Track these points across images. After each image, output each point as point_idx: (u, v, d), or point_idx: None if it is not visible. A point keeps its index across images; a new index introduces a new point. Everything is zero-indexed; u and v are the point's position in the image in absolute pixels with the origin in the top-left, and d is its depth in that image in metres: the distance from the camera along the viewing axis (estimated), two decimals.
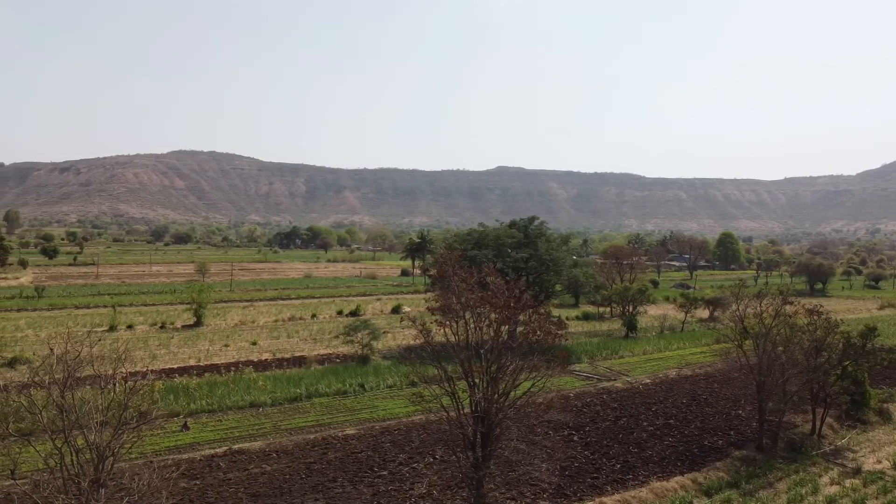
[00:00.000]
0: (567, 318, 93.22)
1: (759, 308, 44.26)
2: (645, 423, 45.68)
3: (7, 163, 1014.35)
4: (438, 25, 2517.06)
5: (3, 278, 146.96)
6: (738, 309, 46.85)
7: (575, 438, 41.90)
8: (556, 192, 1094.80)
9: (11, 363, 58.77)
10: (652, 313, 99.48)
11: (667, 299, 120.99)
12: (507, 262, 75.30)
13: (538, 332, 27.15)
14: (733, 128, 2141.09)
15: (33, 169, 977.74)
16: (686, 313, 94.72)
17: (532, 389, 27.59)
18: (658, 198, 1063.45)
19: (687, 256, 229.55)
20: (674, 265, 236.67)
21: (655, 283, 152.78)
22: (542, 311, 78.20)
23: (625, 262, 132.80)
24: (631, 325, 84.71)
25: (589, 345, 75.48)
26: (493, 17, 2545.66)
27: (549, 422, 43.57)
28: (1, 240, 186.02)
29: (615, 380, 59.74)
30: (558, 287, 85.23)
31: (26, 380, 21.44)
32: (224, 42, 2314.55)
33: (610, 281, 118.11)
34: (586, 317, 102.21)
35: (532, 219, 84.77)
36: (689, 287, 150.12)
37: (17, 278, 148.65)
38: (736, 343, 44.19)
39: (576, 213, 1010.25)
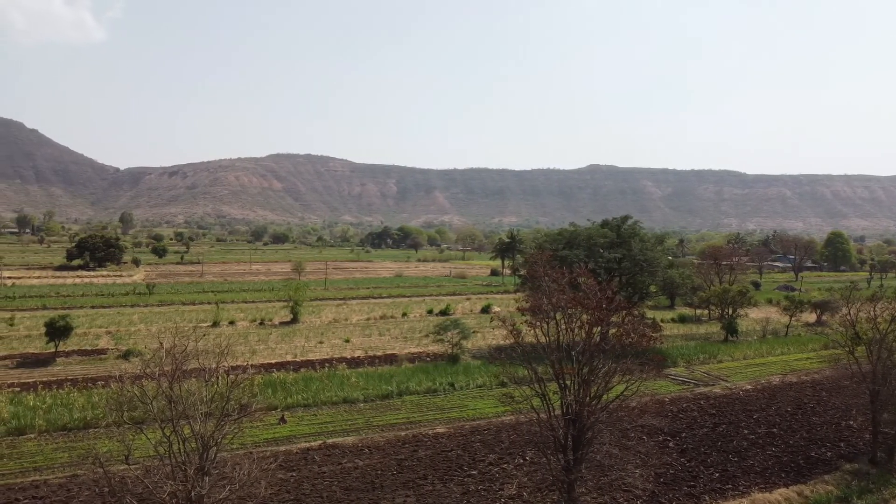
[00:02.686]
0: (662, 321, 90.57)
1: (873, 312, 41.37)
2: (745, 431, 43.69)
3: (122, 168, 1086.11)
4: (527, 25, 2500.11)
5: (118, 276, 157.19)
6: (850, 313, 43.96)
7: (670, 444, 40.58)
8: (651, 191, 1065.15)
9: (126, 355, 62.74)
10: (753, 316, 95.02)
11: (769, 302, 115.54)
12: (600, 263, 73.84)
13: (631, 335, 26.42)
14: (843, 119, 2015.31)
15: (145, 173, 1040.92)
16: (791, 317, 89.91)
17: (625, 393, 26.89)
18: (760, 195, 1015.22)
19: (792, 257, 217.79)
20: (777, 266, 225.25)
21: (757, 285, 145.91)
22: (636, 312, 76.54)
23: (724, 263, 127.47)
24: (730, 329, 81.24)
25: (685, 348, 72.93)
26: (584, 13, 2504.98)
27: (643, 427, 42.51)
28: (117, 240, 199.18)
29: (713, 385, 57.45)
30: (653, 288, 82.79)
31: (139, 371, 22.72)
32: (316, 48, 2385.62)
33: (707, 282, 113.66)
34: (682, 319, 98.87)
35: (625, 218, 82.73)
36: (793, 289, 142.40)
37: (131, 276, 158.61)
38: (847, 349, 41.53)
39: (671, 212, 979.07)
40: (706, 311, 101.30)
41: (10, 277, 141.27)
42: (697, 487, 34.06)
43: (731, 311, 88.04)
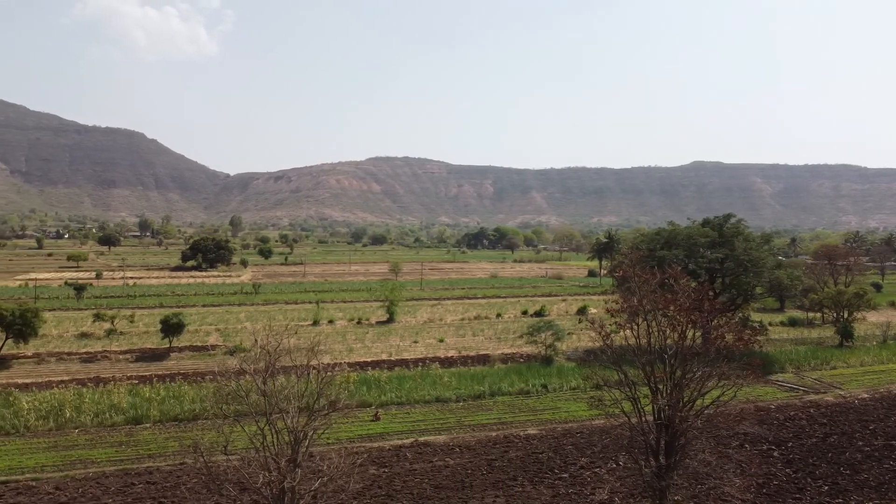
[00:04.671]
0: (770, 324, 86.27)
1: None
2: (860, 443, 40.85)
3: (232, 174, 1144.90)
4: (625, 19, 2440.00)
5: (227, 276, 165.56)
6: None
7: (775, 454, 38.54)
8: (760, 188, 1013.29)
9: (232, 352, 65.98)
10: (872, 320, 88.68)
11: (892, 305, 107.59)
12: (700, 263, 71.07)
13: (725, 337, 25.31)
14: None
15: (253, 178, 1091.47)
16: None
17: (721, 398, 25.78)
18: (883, 191, 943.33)
19: None
20: None
21: (878, 287, 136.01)
22: (740, 315, 72.98)
23: (839, 264, 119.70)
24: (845, 333, 76.15)
25: (794, 353, 69.08)
26: (685, 2, 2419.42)
27: (744, 434, 40.71)
28: (226, 242, 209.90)
29: (825, 392, 54.09)
30: (759, 290, 78.72)
31: (237, 367, 23.95)
32: (413, 50, 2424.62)
33: (821, 284, 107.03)
34: (792, 322, 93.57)
35: (728, 216, 79.14)
36: None
37: (239, 276, 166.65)
38: None
39: (782, 209, 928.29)
40: (819, 315, 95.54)
41: (132, 277, 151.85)
42: (804, 500, 32.18)
43: (846, 315, 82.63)
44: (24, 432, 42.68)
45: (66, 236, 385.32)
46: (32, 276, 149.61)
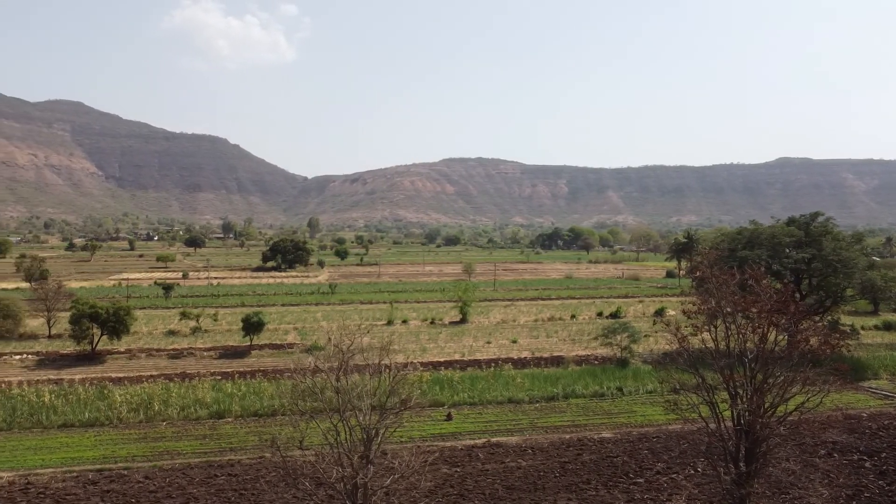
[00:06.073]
0: (862, 328, 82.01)
1: None
2: None
3: (310, 177, 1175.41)
4: (704, 9, 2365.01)
5: (305, 276, 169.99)
6: None
7: (867, 465, 36.56)
8: (852, 184, 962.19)
9: (310, 350, 67.72)
10: None
11: None
12: (785, 264, 68.21)
13: (809, 342, 24.20)
14: None
15: (330, 181, 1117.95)
16: None
17: (806, 405, 24.67)
18: None
19: None
20: None
21: None
22: (829, 317, 69.55)
23: None
24: None
25: (889, 359, 65.26)
26: None
27: (832, 443, 38.86)
28: (304, 243, 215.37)
29: None
30: (849, 292, 74.88)
31: (311, 365, 24.61)
32: (486, 53, 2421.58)
33: None
34: (888, 326, 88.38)
35: (815, 215, 75.63)
36: None
37: (316, 276, 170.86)
38: None
39: (878, 207, 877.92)
40: None
41: (216, 278, 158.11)
42: None
43: None
44: (116, 423, 45.14)
45: (156, 238, 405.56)
46: (125, 276, 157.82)
